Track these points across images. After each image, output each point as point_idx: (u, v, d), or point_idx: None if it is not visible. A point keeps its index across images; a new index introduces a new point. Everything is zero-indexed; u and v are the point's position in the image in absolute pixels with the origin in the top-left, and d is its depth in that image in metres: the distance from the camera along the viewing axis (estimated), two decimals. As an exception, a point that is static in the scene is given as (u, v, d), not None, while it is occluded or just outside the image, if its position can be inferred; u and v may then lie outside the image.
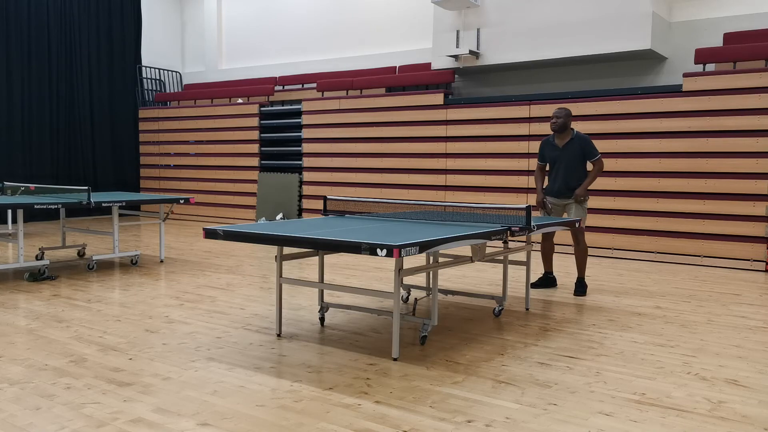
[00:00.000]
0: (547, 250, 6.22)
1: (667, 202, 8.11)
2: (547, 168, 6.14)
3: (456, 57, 9.65)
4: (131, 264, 7.35)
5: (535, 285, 6.24)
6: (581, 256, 5.97)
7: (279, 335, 4.40)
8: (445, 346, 4.18)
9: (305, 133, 11.48)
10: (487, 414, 3.04)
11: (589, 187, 6.01)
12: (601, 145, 8.50)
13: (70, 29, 12.91)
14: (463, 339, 4.36)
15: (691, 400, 3.25)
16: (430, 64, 10.50)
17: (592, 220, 8.51)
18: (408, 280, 6.40)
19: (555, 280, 6.31)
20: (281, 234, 3.82)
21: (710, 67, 8.31)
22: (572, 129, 5.90)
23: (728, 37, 8.37)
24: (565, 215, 6.05)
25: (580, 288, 5.94)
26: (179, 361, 3.79)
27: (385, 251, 3.35)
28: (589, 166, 5.98)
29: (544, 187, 6.14)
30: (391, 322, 4.78)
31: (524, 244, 5.28)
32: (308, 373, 3.61)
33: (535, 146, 8.97)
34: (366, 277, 6.72)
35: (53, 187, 7.61)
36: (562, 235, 8.67)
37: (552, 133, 6.03)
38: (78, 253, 7.97)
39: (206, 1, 14.34)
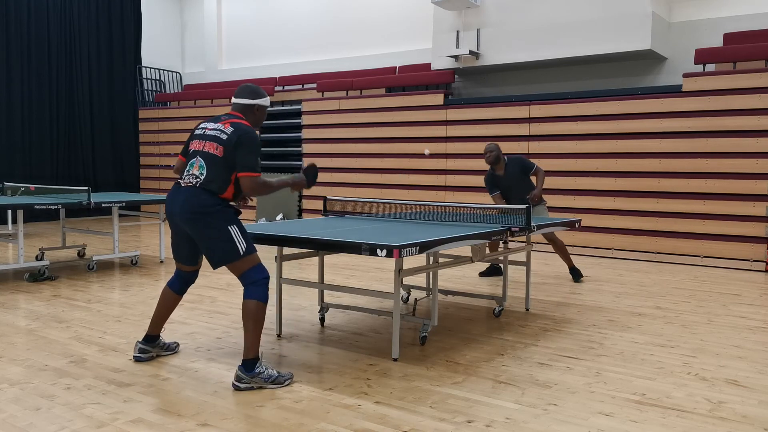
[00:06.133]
0: (495, 245, 6.66)
1: (667, 202, 8.11)
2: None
3: (456, 57, 9.64)
4: (131, 264, 7.35)
5: (483, 274, 6.88)
6: (563, 251, 6.57)
7: (279, 335, 4.40)
8: (445, 346, 4.18)
9: (305, 134, 11.49)
10: (487, 414, 3.04)
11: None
12: (601, 146, 8.52)
13: (70, 29, 12.91)
14: (463, 339, 4.36)
15: (691, 400, 3.25)
16: (430, 64, 10.49)
17: (592, 220, 8.52)
18: (408, 280, 6.40)
19: (500, 269, 6.84)
20: (281, 234, 3.82)
21: (710, 67, 8.31)
22: (503, 156, 6.44)
23: (728, 37, 8.37)
24: None
25: (576, 274, 6.61)
26: (179, 362, 3.79)
27: (385, 251, 3.35)
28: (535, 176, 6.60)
29: None
30: (391, 323, 4.78)
31: (524, 244, 5.28)
32: (308, 373, 3.61)
33: (535, 146, 8.97)
34: (366, 277, 6.72)
35: (53, 188, 7.61)
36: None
37: (489, 167, 6.54)
38: (78, 254, 7.97)
39: (206, 1, 14.34)
